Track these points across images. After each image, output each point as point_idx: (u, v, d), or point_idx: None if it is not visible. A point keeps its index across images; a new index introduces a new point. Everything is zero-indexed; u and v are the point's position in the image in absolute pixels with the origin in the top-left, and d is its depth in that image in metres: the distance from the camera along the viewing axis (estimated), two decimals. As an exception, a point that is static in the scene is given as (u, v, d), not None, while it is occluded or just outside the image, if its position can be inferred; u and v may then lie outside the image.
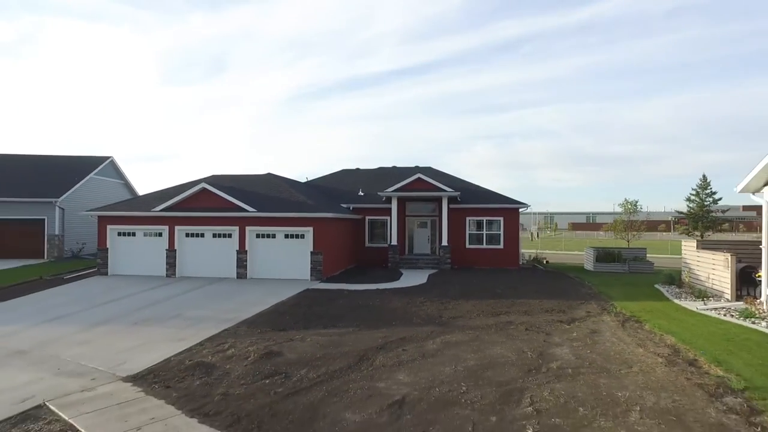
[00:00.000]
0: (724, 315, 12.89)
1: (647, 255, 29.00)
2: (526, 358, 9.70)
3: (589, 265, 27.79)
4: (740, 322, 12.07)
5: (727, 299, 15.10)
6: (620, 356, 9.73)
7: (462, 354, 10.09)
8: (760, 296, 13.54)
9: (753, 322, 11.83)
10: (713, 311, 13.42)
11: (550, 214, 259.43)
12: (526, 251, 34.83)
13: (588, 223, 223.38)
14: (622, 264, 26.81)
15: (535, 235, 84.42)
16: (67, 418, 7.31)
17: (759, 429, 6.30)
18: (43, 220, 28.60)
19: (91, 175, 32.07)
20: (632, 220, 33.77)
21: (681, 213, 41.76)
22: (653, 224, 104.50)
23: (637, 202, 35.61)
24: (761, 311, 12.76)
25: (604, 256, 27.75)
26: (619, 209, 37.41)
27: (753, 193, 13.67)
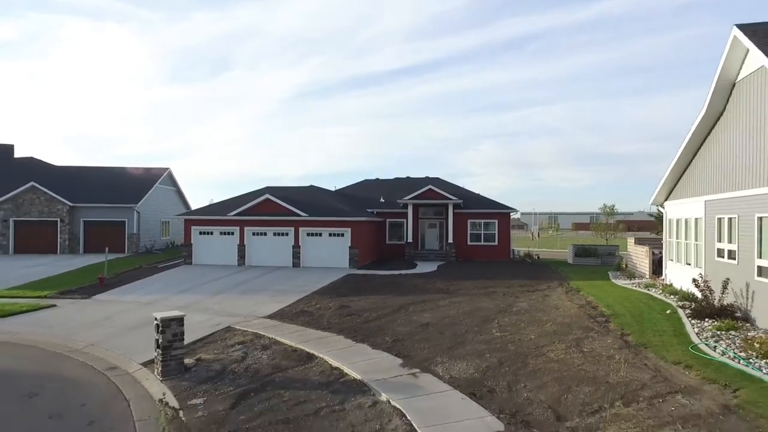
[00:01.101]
0: (636, 287, 19.33)
1: (620, 251, 35.28)
2: (499, 307, 16.19)
3: (570, 260, 34.10)
4: (641, 290, 18.50)
5: (646, 278, 21.49)
6: (554, 305, 16.21)
7: (461, 306, 16.59)
8: (662, 274, 19.96)
9: (648, 290, 18.23)
10: (631, 285, 19.87)
11: (555, 214, 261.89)
12: (524, 249, 41.22)
13: (591, 223, 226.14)
14: (597, 258, 33.12)
15: (536, 234, 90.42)
16: (249, 330, 13.85)
17: (605, 326, 12.72)
18: (124, 222, 35.35)
19: (157, 184, 38.82)
20: (608, 222, 40.09)
21: (652, 215, 47.95)
22: (645, 224, 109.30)
23: (614, 206, 41.77)
24: (659, 284, 19.14)
25: (582, 251, 34.07)
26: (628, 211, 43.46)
27: (659, 206, 20.05)
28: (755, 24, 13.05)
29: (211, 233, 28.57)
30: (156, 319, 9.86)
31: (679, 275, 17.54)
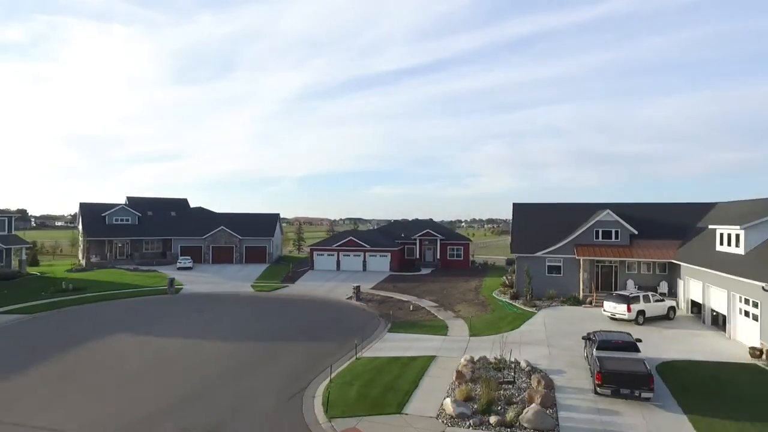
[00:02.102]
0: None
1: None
2: (451, 284, 47.06)
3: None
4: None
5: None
6: (467, 285, 46.95)
7: (438, 284, 47.42)
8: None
9: (506, 281, 48.76)
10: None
11: None
12: (487, 257, 70.89)
13: None
14: (516, 265, 63.46)
15: None
16: (367, 291, 44.70)
17: (477, 290, 43.40)
18: (266, 246, 66.24)
19: (277, 224, 69.63)
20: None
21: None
22: None
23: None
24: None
25: (510, 260, 64.33)
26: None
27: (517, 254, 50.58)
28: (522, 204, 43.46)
29: (323, 254, 59.36)
30: (356, 288, 40.69)
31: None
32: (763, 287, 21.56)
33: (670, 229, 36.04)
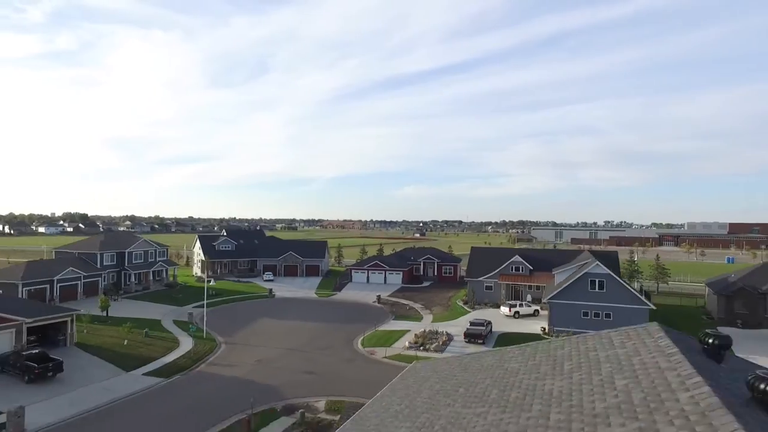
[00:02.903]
0: (473, 291, 78.66)
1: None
2: (443, 293, 76.28)
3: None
4: (472, 292, 77.87)
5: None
6: (447, 296, 76.01)
7: (434, 293, 76.72)
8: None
9: (473, 292, 77.62)
10: (473, 290, 79.18)
11: (560, 229, 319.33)
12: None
13: (589, 239, 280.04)
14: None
15: None
16: (384, 297, 74.55)
17: (451, 298, 72.49)
18: (319, 264, 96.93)
19: (326, 248, 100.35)
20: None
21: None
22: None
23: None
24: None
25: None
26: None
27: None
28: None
29: (357, 272, 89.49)
30: (378, 296, 70.53)
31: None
32: (545, 301, 50.06)
33: (549, 266, 64.14)
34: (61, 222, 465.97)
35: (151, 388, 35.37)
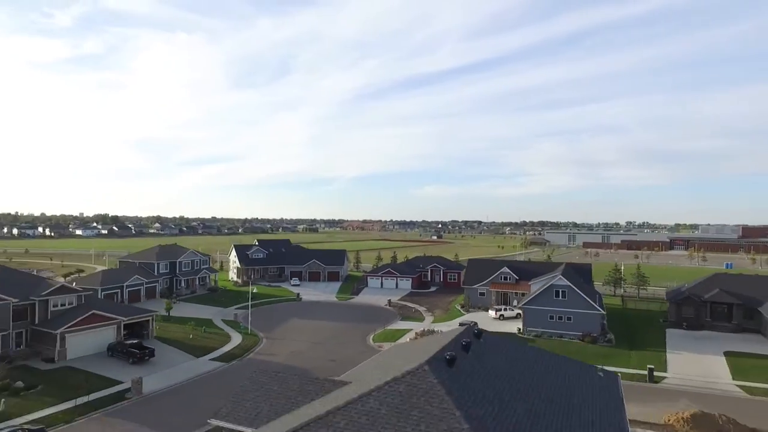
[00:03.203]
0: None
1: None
2: (445, 297, 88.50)
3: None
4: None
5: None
6: (448, 300, 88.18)
7: (439, 297, 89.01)
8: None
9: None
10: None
11: (574, 233, 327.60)
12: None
13: (601, 243, 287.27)
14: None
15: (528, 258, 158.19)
16: (395, 301, 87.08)
17: (453, 302, 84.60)
18: (339, 270, 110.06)
19: (345, 257, 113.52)
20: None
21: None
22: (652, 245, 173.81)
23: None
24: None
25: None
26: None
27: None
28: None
29: (372, 278, 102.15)
30: (389, 300, 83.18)
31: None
32: (520, 307, 61.87)
33: (532, 276, 75.62)
34: (94, 224, 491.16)
35: (216, 370, 48.67)
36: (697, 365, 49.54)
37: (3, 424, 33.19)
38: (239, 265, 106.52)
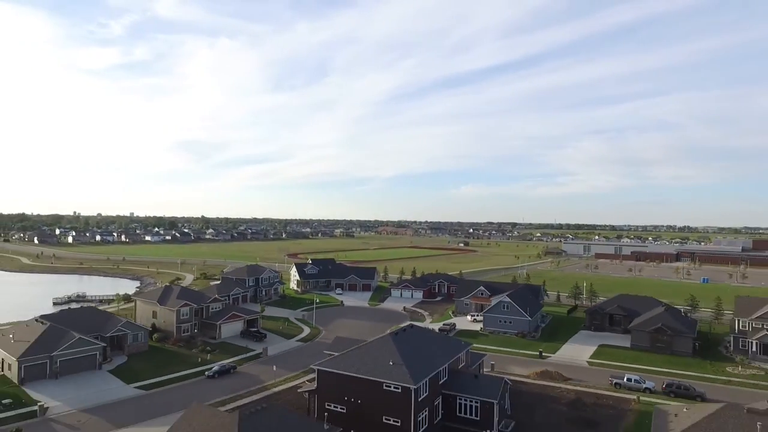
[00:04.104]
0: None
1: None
2: (440, 306, 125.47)
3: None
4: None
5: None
6: (447, 307, 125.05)
7: (436, 306, 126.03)
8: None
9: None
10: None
11: (589, 244, 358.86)
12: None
13: (614, 254, 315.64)
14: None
15: (524, 274, 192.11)
16: (409, 307, 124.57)
17: (447, 309, 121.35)
18: (370, 282, 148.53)
19: (375, 272, 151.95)
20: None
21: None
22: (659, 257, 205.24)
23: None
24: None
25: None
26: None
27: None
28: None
29: (395, 289, 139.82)
30: (404, 306, 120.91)
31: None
32: (482, 314, 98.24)
33: (497, 291, 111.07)
34: (156, 229, 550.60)
35: (299, 346, 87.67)
36: (576, 351, 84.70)
37: (215, 364, 72.75)
38: (299, 278, 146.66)
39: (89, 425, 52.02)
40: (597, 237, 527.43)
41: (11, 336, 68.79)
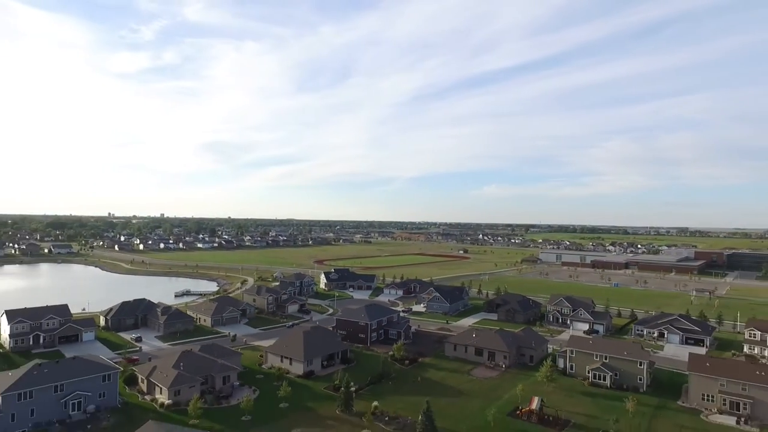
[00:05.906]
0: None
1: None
2: (413, 299, 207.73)
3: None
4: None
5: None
6: (412, 300, 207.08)
7: (411, 299, 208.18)
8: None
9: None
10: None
11: (561, 253, 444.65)
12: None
13: (579, 263, 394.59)
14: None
15: (486, 279, 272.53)
16: (393, 300, 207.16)
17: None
18: (371, 284, 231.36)
19: (375, 276, 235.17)
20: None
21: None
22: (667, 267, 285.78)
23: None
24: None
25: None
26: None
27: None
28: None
29: (386, 288, 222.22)
30: (389, 299, 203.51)
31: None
32: (426, 303, 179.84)
33: (444, 291, 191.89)
34: (200, 236, 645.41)
35: (329, 317, 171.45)
36: (468, 321, 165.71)
37: (288, 323, 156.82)
38: (325, 281, 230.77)
39: (251, 338, 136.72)
40: (610, 244, 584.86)
41: (201, 308, 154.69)
